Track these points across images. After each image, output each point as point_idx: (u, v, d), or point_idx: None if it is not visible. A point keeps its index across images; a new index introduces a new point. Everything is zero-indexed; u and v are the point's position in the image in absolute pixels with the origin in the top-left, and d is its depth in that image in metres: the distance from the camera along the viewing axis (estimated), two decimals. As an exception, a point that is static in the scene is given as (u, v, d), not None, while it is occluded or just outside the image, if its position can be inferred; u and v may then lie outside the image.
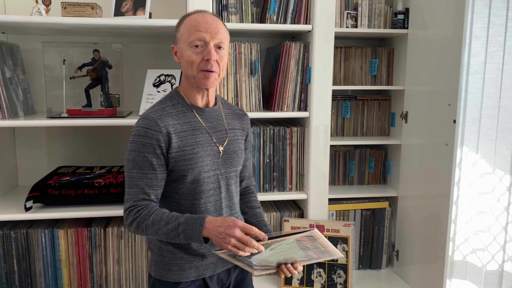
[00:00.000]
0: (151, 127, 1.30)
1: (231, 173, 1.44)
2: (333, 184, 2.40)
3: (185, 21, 1.35)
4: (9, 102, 1.88)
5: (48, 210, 1.90)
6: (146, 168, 1.31)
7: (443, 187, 1.90)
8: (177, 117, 1.35)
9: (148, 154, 1.30)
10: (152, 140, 1.30)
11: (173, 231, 1.26)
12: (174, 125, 1.33)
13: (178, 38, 1.37)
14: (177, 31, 1.37)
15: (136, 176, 1.32)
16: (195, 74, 1.33)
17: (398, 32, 2.20)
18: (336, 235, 2.11)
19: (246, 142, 1.55)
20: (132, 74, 2.34)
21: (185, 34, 1.33)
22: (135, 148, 1.31)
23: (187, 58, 1.32)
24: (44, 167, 2.33)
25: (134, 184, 1.32)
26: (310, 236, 1.17)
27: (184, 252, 1.41)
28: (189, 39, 1.32)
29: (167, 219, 1.28)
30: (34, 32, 2.15)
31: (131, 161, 1.32)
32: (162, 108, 1.36)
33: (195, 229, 1.24)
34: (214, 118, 1.43)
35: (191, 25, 1.32)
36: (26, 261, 1.96)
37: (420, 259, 2.09)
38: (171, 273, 1.41)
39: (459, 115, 1.82)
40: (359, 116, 2.39)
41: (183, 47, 1.34)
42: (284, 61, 2.07)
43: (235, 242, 1.19)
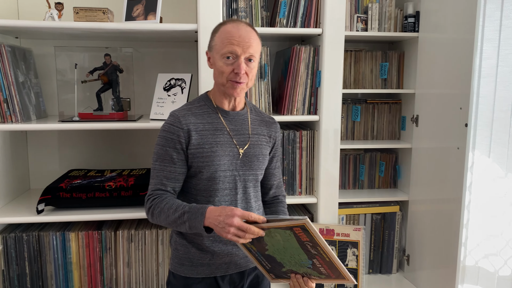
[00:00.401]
0: (174, 123, 1.39)
1: (249, 176, 1.47)
2: (343, 188, 2.39)
3: (220, 31, 1.40)
4: (21, 106, 1.91)
5: (60, 213, 1.92)
6: (167, 161, 1.39)
7: (455, 191, 1.89)
8: (201, 116, 1.43)
9: (169, 148, 1.39)
10: (173, 135, 1.39)
11: (179, 219, 1.31)
12: (196, 123, 1.41)
13: (212, 46, 1.42)
14: (212, 39, 1.42)
15: (158, 168, 1.40)
16: (224, 82, 1.40)
17: (408, 36, 2.19)
18: (346, 240, 2.10)
19: (274, 150, 1.57)
20: (143, 78, 2.35)
21: (218, 44, 1.38)
22: (160, 142, 1.40)
23: (218, 68, 1.39)
24: (56, 170, 2.36)
25: (155, 175, 1.40)
26: (302, 226, 1.17)
27: (196, 248, 1.45)
28: (221, 50, 1.37)
29: (175, 208, 1.33)
30: (47, 36, 2.17)
31: (156, 154, 1.41)
32: (189, 108, 1.45)
33: (197, 218, 1.28)
34: (239, 121, 1.48)
35: (225, 37, 1.37)
36: (38, 264, 1.98)
37: (431, 264, 2.06)
38: (183, 267, 1.46)
39: (471, 118, 1.80)
40: (369, 119, 2.38)
41: (216, 56, 1.40)
42: (294, 65, 2.07)
43: (234, 230, 1.22)
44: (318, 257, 1.26)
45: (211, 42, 1.43)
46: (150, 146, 2.41)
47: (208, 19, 1.88)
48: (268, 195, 1.61)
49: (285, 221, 1.20)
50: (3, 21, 1.79)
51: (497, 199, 2.43)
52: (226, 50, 1.36)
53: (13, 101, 1.87)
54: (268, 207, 1.61)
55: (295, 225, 1.19)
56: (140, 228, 2.03)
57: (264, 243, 1.29)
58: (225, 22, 1.42)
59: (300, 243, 1.24)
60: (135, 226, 2.07)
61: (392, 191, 2.38)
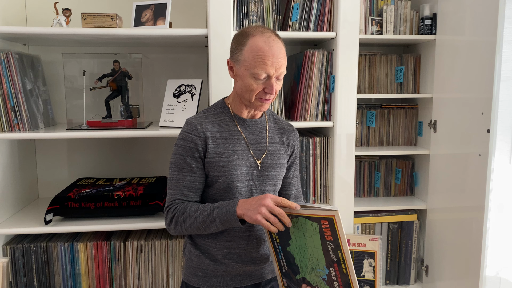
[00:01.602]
0: (191, 132, 1.36)
1: (266, 186, 1.43)
2: (358, 196, 2.32)
3: (250, 45, 1.30)
4: (29, 114, 1.87)
5: (68, 223, 1.87)
6: (186, 170, 1.36)
7: (477, 199, 1.81)
8: (218, 125, 1.40)
9: (188, 157, 1.35)
10: (191, 143, 1.35)
11: (209, 217, 1.28)
12: (212, 131, 1.38)
13: (239, 59, 1.32)
14: (239, 51, 1.32)
15: (176, 178, 1.36)
16: (251, 99, 1.35)
17: (425, 38, 2.12)
18: (362, 250, 2.03)
19: (292, 158, 1.52)
20: (152, 85, 2.31)
21: (249, 61, 1.30)
22: (177, 151, 1.37)
23: (247, 85, 1.32)
24: (65, 178, 2.32)
25: (174, 186, 1.37)
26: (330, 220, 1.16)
27: (209, 259, 1.41)
28: (253, 69, 1.29)
29: (202, 208, 1.31)
30: (55, 43, 2.14)
31: (173, 164, 1.37)
32: (205, 115, 1.41)
33: (229, 209, 1.26)
34: (256, 130, 1.44)
35: (257, 55, 1.28)
36: (46, 275, 1.94)
37: (451, 275, 1.98)
38: (196, 278, 1.43)
39: (494, 124, 1.73)
40: (384, 125, 2.31)
41: (244, 73, 1.31)
42: (306, 69, 2.01)
43: (265, 211, 1.20)
44: (336, 266, 1.21)
45: (237, 54, 1.33)
46: (159, 154, 2.36)
47: (218, 24, 1.83)
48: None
49: (316, 210, 1.19)
50: (11, 28, 1.76)
51: (519, 206, 2.34)
52: (259, 70, 1.29)
53: (20, 110, 1.84)
54: None
55: (324, 217, 1.17)
56: (149, 239, 1.98)
57: (289, 236, 1.27)
58: (252, 32, 1.31)
59: (323, 243, 1.21)
60: (145, 236, 2.02)
61: (409, 199, 2.30)
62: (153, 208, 1.91)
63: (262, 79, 1.31)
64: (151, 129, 1.91)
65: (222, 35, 1.84)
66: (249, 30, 1.33)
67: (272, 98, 1.36)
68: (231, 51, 1.37)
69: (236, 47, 1.34)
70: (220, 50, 1.84)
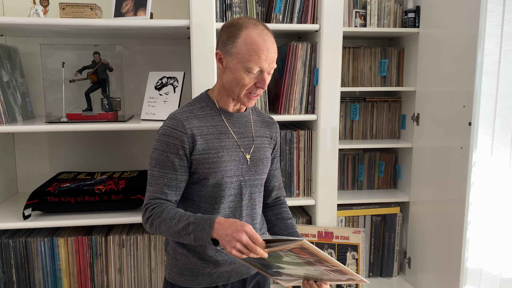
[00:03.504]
0: (176, 128, 1.30)
1: (255, 181, 1.40)
2: (341, 189, 2.32)
3: (244, 37, 1.25)
4: (6, 107, 1.82)
5: (48, 218, 1.84)
6: (168, 168, 1.30)
7: (458, 192, 1.82)
8: (204, 119, 1.34)
9: (171, 154, 1.30)
10: (176, 140, 1.29)
11: (183, 230, 1.23)
12: (200, 127, 1.32)
13: (232, 52, 1.27)
14: (232, 42, 1.27)
15: (157, 175, 1.31)
16: (241, 93, 1.30)
17: (408, 31, 2.12)
18: (345, 242, 2.03)
19: (275, 151, 1.51)
20: (134, 77, 2.27)
21: (243, 54, 1.25)
22: (159, 147, 1.30)
23: (238, 78, 1.27)
24: (45, 172, 2.27)
25: (154, 183, 1.31)
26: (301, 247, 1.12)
27: (197, 258, 1.38)
28: (247, 63, 1.25)
29: (178, 218, 1.25)
30: (33, 34, 2.09)
31: (154, 159, 1.31)
32: (190, 109, 1.35)
33: (204, 230, 1.20)
34: (242, 124, 1.40)
35: (252, 48, 1.24)
36: (25, 271, 1.90)
37: (433, 267, 2.00)
38: (183, 277, 1.39)
39: (475, 117, 1.74)
40: (368, 118, 2.31)
41: (237, 66, 1.27)
42: (290, 62, 2.00)
43: (240, 246, 1.15)
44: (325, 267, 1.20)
45: (229, 45, 1.27)
46: (141, 147, 2.33)
47: (200, 15, 1.80)
48: (270, 198, 1.54)
49: (283, 244, 1.14)
50: (-14, 18, 1.71)
51: (499, 199, 2.37)
52: (253, 64, 1.25)
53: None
54: (271, 210, 1.55)
55: (293, 247, 1.13)
56: (131, 233, 1.96)
57: (266, 262, 1.23)
58: (245, 24, 1.27)
59: (303, 259, 1.19)
60: (127, 231, 1.99)
61: (392, 192, 2.31)
62: (134, 202, 1.89)
63: (255, 73, 1.27)
64: (132, 122, 1.88)
65: (204, 26, 1.81)
66: (241, 21, 1.28)
67: (260, 93, 1.33)
68: (221, 42, 1.30)
69: (228, 39, 1.28)
70: (203, 41, 1.82)
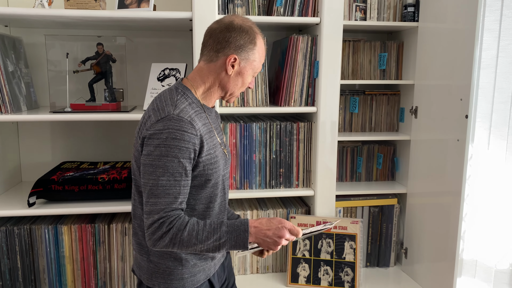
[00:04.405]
0: (188, 130, 1.19)
1: (228, 173, 1.44)
2: (340, 180, 2.36)
3: (259, 45, 1.33)
4: (11, 96, 1.85)
5: (52, 206, 1.88)
6: (179, 174, 1.20)
7: (454, 184, 1.86)
8: (197, 118, 1.26)
9: (184, 159, 1.19)
10: (189, 144, 1.19)
11: (215, 242, 1.20)
12: (201, 127, 1.25)
13: (250, 59, 1.31)
14: (251, 50, 1.30)
15: (167, 184, 1.19)
16: (235, 92, 1.35)
17: (408, 25, 2.15)
18: (343, 232, 2.07)
19: None
20: (137, 68, 2.30)
21: (257, 62, 1.34)
22: (168, 152, 1.17)
23: (245, 81, 1.34)
24: (48, 162, 2.31)
25: (165, 193, 1.19)
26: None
27: (196, 258, 1.36)
28: (257, 69, 1.35)
29: (208, 230, 1.20)
30: (37, 25, 2.12)
31: (161, 167, 1.18)
32: (185, 108, 1.24)
33: (239, 236, 1.20)
34: (214, 118, 1.41)
35: (262, 56, 1.35)
36: (30, 257, 1.94)
37: (430, 257, 2.04)
38: (183, 281, 1.34)
39: (472, 110, 1.77)
40: (367, 111, 2.34)
41: (248, 71, 1.33)
42: (291, 55, 2.03)
43: (285, 243, 1.23)
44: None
45: (249, 52, 1.29)
46: (144, 138, 2.36)
47: (203, 8, 1.83)
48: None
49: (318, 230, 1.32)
50: (-9, 9, 1.73)
51: (496, 192, 2.40)
52: (258, 71, 1.36)
53: (2, 92, 1.82)
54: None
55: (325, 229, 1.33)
56: (134, 221, 2.00)
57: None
58: (256, 31, 1.32)
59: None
60: (129, 219, 2.03)
61: (390, 184, 2.35)
62: (137, 191, 1.92)
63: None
64: (135, 113, 1.91)
65: (206, 18, 1.84)
66: (253, 28, 1.31)
67: None
68: (236, 46, 1.28)
69: (247, 45, 1.29)
70: (205, 34, 1.84)
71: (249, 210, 2.13)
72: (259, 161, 2.08)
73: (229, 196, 2.04)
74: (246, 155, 2.06)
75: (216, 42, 1.28)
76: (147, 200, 1.20)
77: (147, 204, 1.20)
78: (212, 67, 1.31)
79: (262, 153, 2.08)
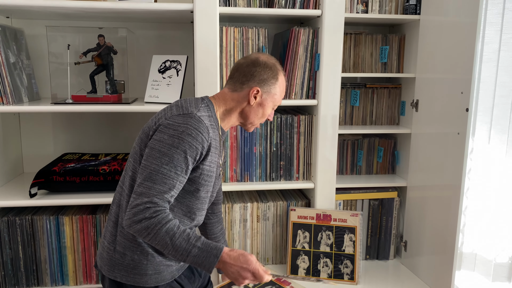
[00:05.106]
0: (203, 133, 1.28)
1: (214, 194, 1.52)
2: (340, 173, 2.36)
3: (281, 81, 1.46)
4: (13, 88, 1.86)
5: (53, 197, 1.89)
6: (181, 169, 1.25)
7: (454, 178, 1.86)
8: (212, 130, 1.35)
9: (190, 157, 1.26)
10: (199, 145, 1.27)
11: (184, 251, 1.22)
12: (212, 138, 1.34)
13: (271, 92, 1.43)
14: (273, 84, 1.43)
15: (168, 173, 1.23)
16: (255, 122, 1.46)
17: (409, 18, 2.14)
18: (343, 225, 2.08)
19: None
20: (138, 60, 2.30)
21: (278, 96, 1.46)
22: (179, 145, 1.24)
23: (266, 114, 1.46)
24: (50, 153, 2.32)
25: (163, 181, 1.23)
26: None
27: (162, 256, 1.38)
28: (276, 103, 1.47)
29: (184, 238, 1.22)
30: (39, 16, 2.12)
31: (168, 156, 1.23)
32: (206, 116, 1.34)
33: (208, 259, 1.23)
34: (223, 141, 1.48)
35: (283, 92, 1.48)
36: (31, 248, 1.96)
37: (429, 250, 2.05)
38: (146, 277, 1.35)
39: (472, 103, 1.77)
40: (368, 104, 2.34)
41: (269, 104, 1.45)
42: (292, 47, 2.02)
43: (245, 283, 1.27)
44: None
45: (271, 86, 1.42)
46: (145, 130, 2.37)
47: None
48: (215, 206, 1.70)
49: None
50: (-7, -1, 1.73)
51: (496, 186, 2.41)
52: (278, 104, 1.48)
53: (4, 83, 1.82)
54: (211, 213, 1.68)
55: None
56: (135, 213, 2.01)
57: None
58: (279, 67, 1.45)
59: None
60: (130, 210, 2.04)
61: (390, 177, 2.35)
62: (138, 182, 1.93)
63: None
64: (136, 105, 1.92)
65: (207, 11, 1.83)
66: (277, 65, 1.45)
67: None
68: (260, 80, 1.41)
69: (269, 79, 1.42)
70: (206, 26, 1.84)
71: (250, 202, 2.14)
72: (259, 153, 2.09)
73: (230, 189, 2.05)
74: (247, 147, 2.07)
75: (242, 75, 1.41)
76: (142, 182, 1.23)
77: (140, 186, 1.23)
78: (235, 96, 1.42)
79: (262, 146, 2.09)
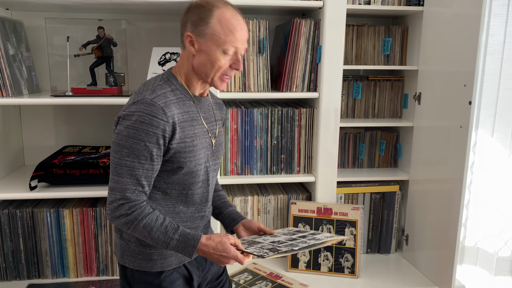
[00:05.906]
0: (158, 116, 1.20)
1: (216, 165, 1.42)
2: (342, 167, 2.35)
3: (218, 17, 1.23)
4: (12, 80, 1.85)
5: (53, 190, 1.89)
6: (144, 158, 1.21)
7: (456, 171, 1.84)
8: (178, 105, 1.27)
9: (150, 143, 1.21)
10: (157, 129, 1.20)
11: (163, 244, 1.24)
12: (177, 114, 1.25)
13: (206, 33, 1.24)
14: (205, 23, 1.24)
15: (131, 165, 1.21)
16: (214, 76, 1.28)
17: (413, 10, 2.11)
18: (344, 219, 2.07)
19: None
20: (138, 53, 2.29)
21: (218, 35, 1.23)
22: (135, 135, 1.20)
23: (214, 61, 1.25)
24: (50, 146, 2.32)
25: (128, 174, 1.21)
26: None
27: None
28: (224, 45, 1.24)
29: (161, 231, 1.23)
30: (38, 8, 2.10)
31: (127, 148, 1.20)
32: (164, 94, 1.25)
33: (186, 249, 1.24)
34: (206, 108, 1.39)
35: (227, 29, 1.23)
36: (32, 240, 1.96)
37: (430, 244, 2.04)
38: (152, 262, 1.35)
39: (475, 96, 1.74)
40: (370, 97, 2.32)
41: (212, 47, 1.24)
42: (293, 39, 2.00)
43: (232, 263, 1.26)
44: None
45: (202, 27, 1.24)
46: (146, 123, 2.36)
47: (204, -10, 1.80)
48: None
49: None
50: (-9, -9, 1.72)
51: (499, 179, 2.39)
52: (230, 46, 1.24)
53: (3, 75, 1.81)
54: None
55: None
56: (135, 206, 2.01)
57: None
58: (215, 3, 1.24)
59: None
60: (130, 203, 2.04)
61: (392, 170, 2.34)
62: (138, 175, 1.93)
63: (230, 54, 1.26)
64: (136, 97, 1.91)
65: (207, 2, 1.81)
66: (210, 1, 1.26)
67: (232, 75, 1.33)
68: (191, 23, 1.26)
69: (199, 20, 1.25)
70: (206, 17, 1.82)
71: (250, 195, 2.13)
72: (260, 146, 2.07)
73: (230, 182, 2.05)
74: (247, 140, 2.06)
75: (180, 27, 1.30)
76: (111, 176, 1.24)
77: (111, 180, 1.24)
78: (184, 53, 1.31)
79: (263, 139, 2.07)
